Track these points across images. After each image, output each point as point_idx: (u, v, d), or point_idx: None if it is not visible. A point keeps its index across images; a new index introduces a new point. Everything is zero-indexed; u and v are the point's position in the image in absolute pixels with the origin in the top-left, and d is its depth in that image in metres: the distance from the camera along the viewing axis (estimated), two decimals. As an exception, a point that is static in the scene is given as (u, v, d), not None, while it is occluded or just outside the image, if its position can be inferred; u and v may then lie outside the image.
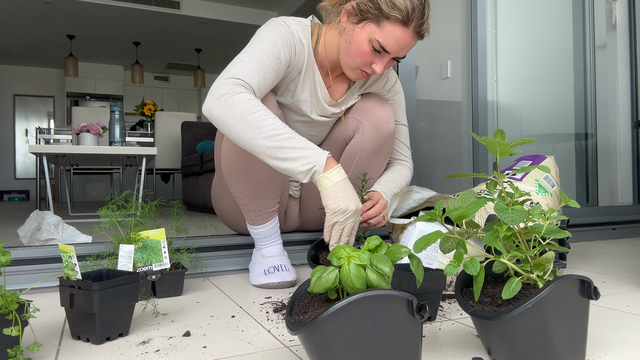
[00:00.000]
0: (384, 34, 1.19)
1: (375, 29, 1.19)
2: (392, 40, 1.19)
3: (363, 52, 1.22)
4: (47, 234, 1.50)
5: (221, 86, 1.12)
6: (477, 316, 0.73)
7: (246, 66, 1.16)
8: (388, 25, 1.18)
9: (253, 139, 1.07)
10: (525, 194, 0.76)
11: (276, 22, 1.28)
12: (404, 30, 1.19)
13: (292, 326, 0.66)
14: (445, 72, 2.78)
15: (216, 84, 1.13)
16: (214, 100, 1.11)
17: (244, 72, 1.15)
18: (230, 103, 1.09)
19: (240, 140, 1.09)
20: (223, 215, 1.58)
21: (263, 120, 1.07)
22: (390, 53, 1.22)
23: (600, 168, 2.88)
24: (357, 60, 1.25)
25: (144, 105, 5.44)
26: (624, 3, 2.86)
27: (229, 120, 1.09)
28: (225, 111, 1.09)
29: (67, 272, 0.90)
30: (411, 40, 1.22)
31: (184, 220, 3.04)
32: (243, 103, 1.09)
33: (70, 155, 2.90)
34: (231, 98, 1.09)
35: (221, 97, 1.10)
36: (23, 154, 8.65)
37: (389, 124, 1.40)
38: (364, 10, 1.19)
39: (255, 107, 1.09)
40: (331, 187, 1.07)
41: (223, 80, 1.13)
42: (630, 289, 1.27)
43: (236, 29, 6.80)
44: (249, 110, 1.08)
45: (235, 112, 1.08)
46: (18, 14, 6.22)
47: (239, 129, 1.08)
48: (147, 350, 0.83)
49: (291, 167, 1.07)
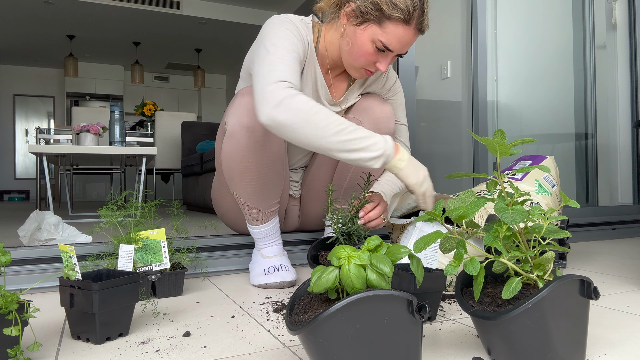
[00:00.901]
0: (387, 34, 1.20)
1: (378, 30, 1.20)
2: (395, 39, 1.21)
3: (367, 53, 1.24)
4: (47, 234, 1.50)
5: (275, 92, 1.10)
6: (477, 316, 0.73)
7: (283, 67, 1.16)
8: (390, 25, 1.19)
9: (323, 137, 1.09)
10: (525, 194, 0.76)
11: (281, 19, 1.28)
12: (406, 29, 1.20)
13: (292, 326, 0.66)
14: (445, 72, 2.78)
15: (266, 90, 1.11)
16: (274, 107, 1.09)
17: (285, 73, 1.15)
18: (292, 107, 1.09)
19: (309, 141, 1.10)
20: (223, 215, 1.58)
21: (327, 118, 1.09)
22: (394, 51, 1.24)
23: (600, 168, 2.88)
24: (361, 61, 1.26)
25: (144, 105, 5.44)
26: (624, 3, 2.86)
27: (294, 124, 1.08)
28: (290, 116, 1.08)
29: (67, 272, 0.90)
30: (413, 37, 1.23)
31: (184, 220, 3.04)
32: (304, 104, 1.09)
33: (70, 155, 2.90)
34: (291, 102, 1.09)
35: (280, 102, 1.09)
36: (23, 154, 8.65)
37: (389, 123, 1.41)
38: (365, 12, 1.20)
39: (315, 106, 1.10)
40: (406, 167, 1.15)
41: (273, 86, 1.11)
42: (630, 289, 1.27)
43: (236, 29, 6.80)
44: (312, 110, 1.09)
45: (300, 115, 1.08)
46: (18, 14, 6.22)
47: (307, 130, 1.08)
48: (147, 350, 0.83)
49: (363, 156, 1.10)
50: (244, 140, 1.25)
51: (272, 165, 1.31)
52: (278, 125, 1.09)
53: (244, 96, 1.25)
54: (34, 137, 7.42)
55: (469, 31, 2.52)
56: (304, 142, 1.10)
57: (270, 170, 1.30)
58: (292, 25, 1.27)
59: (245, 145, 1.25)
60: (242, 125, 1.23)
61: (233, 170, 1.29)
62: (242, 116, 1.23)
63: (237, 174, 1.29)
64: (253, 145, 1.25)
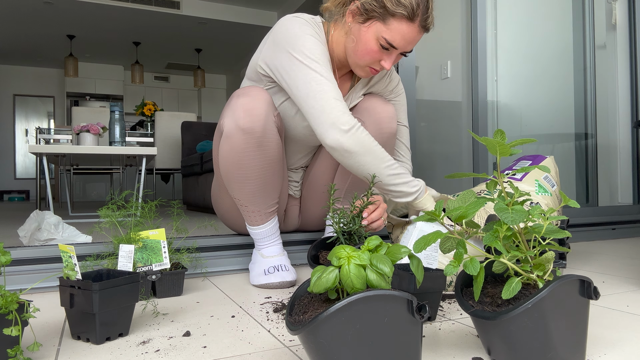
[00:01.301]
0: (391, 31, 1.20)
1: (382, 27, 1.21)
2: (399, 36, 1.21)
3: (371, 51, 1.24)
4: (47, 234, 1.50)
5: (342, 118, 1.19)
6: (477, 316, 0.73)
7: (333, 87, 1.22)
8: (394, 22, 1.20)
9: (378, 168, 1.23)
10: (525, 194, 0.76)
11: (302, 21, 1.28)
12: (410, 26, 1.21)
13: (292, 326, 0.66)
14: (445, 72, 2.78)
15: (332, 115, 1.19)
16: (343, 133, 1.19)
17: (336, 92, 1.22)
18: (358, 137, 1.21)
19: (366, 170, 1.23)
20: (223, 216, 1.58)
21: (382, 152, 1.24)
22: (398, 49, 1.24)
23: (600, 168, 2.88)
24: (366, 59, 1.26)
25: (144, 105, 5.44)
26: (624, 3, 2.86)
27: (359, 153, 1.21)
28: (356, 144, 1.20)
29: (67, 272, 0.90)
30: (417, 34, 1.24)
31: (184, 220, 3.04)
32: (365, 137, 1.22)
33: (70, 155, 2.90)
34: (356, 132, 1.21)
35: (349, 130, 1.20)
36: (23, 154, 8.65)
37: (392, 123, 1.41)
38: (369, 9, 1.20)
39: (372, 140, 1.23)
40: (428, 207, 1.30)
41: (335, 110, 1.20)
42: (630, 289, 1.27)
43: (236, 29, 6.80)
44: (372, 144, 1.22)
45: (364, 146, 1.21)
46: (18, 14, 6.22)
47: (368, 160, 1.22)
48: (147, 350, 0.83)
49: (404, 190, 1.26)
50: (240, 142, 1.24)
51: (270, 166, 1.31)
52: (344, 150, 1.21)
53: (240, 97, 1.25)
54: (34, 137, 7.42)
55: (469, 31, 2.52)
56: (361, 169, 1.23)
57: (268, 171, 1.30)
58: (312, 30, 1.29)
59: (242, 147, 1.25)
60: (238, 126, 1.23)
61: (230, 171, 1.29)
62: (239, 117, 1.23)
63: (234, 175, 1.29)
64: (250, 146, 1.25)
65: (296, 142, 1.48)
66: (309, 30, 1.27)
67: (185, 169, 4.30)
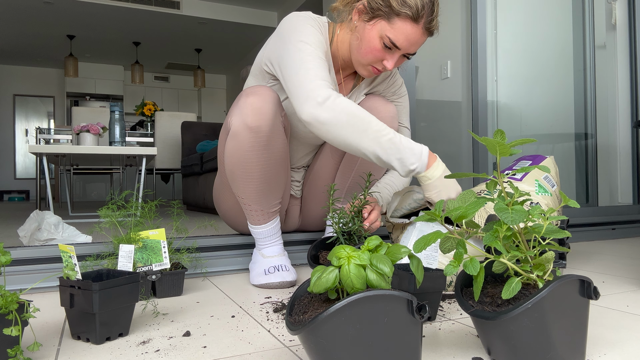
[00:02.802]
0: (395, 30, 1.21)
1: (386, 26, 1.21)
2: (402, 36, 1.22)
3: (374, 49, 1.25)
4: (47, 234, 1.50)
5: (316, 90, 1.14)
6: (477, 316, 0.73)
7: (318, 66, 1.18)
8: (399, 21, 1.20)
9: (361, 141, 1.13)
10: (525, 194, 0.76)
11: (305, 16, 1.29)
12: (414, 27, 1.21)
13: (292, 326, 0.66)
14: (445, 72, 2.78)
15: (308, 87, 1.14)
16: (317, 106, 1.13)
17: (321, 72, 1.18)
18: (334, 107, 1.12)
19: (347, 143, 1.14)
20: (224, 214, 1.58)
21: (368, 122, 1.13)
22: (401, 49, 1.24)
23: (600, 168, 2.88)
24: (369, 57, 1.27)
25: (144, 105, 5.44)
26: (624, 3, 2.86)
27: (336, 125, 1.12)
28: (332, 115, 1.12)
29: (67, 272, 0.90)
30: (421, 36, 1.24)
31: (184, 220, 3.04)
32: (346, 106, 1.13)
33: (70, 155, 2.90)
34: (334, 103, 1.13)
35: (324, 102, 1.13)
36: (23, 154, 8.65)
37: (393, 123, 1.41)
38: (375, 8, 1.21)
39: (357, 109, 1.14)
40: (432, 183, 1.17)
41: (314, 84, 1.15)
42: (630, 289, 1.27)
43: (236, 29, 6.80)
44: (354, 113, 1.13)
45: (341, 117, 1.12)
46: (18, 14, 6.22)
47: (347, 132, 1.12)
48: (147, 350, 0.83)
49: (396, 166, 1.15)
50: (247, 140, 1.25)
51: (275, 166, 1.31)
52: (319, 123, 1.13)
53: (249, 96, 1.25)
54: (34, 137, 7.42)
55: (469, 31, 2.52)
56: (343, 143, 1.14)
57: (272, 171, 1.30)
58: (315, 22, 1.29)
59: (249, 146, 1.25)
60: (246, 125, 1.23)
61: (236, 170, 1.30)
62: (247, 116, 1.23)
63: (239, 173, 1.30)
64: (257, 145, 1.25)
65: (298, 140, 1.48)
66: (310, 22, 1.28)
67: (185, 169, 4.30)
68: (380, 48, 1.24)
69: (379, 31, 1.23)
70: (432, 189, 1.18)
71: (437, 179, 1.17)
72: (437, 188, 1.18)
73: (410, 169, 1.14)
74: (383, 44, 1.24)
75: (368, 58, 1.27)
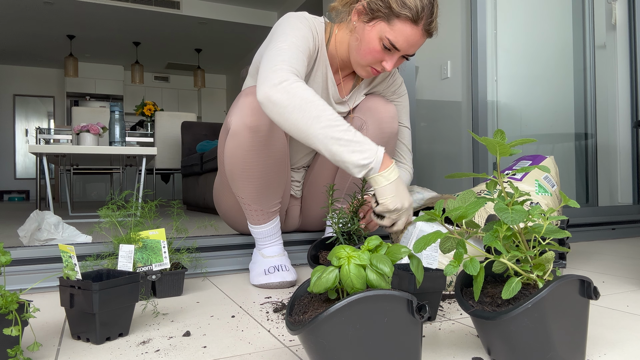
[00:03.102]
0: (395, 32, 1.21)
1: (386, 27, 1.21)
2: (402, 38, 1.21)
3: (374, 50, 1.24)
4: (47, 234, 1.50)
5: (278, 72, 1.11)
6: (477, 316, 0.73)
7: (291, 53, 1.17)
8: (398, 23, 1.20)
9: (311, 127, 1.07)
10: (525, 194, 0.76)
11: (296, 15, 1.30)
12: (414, 29, 1.21)
13: (292, 326, 0.66)
14: (445, 72, 2.78)
15: (269, 70, 1.12)
16: (272, 86, 1.09)
17: (291, 59, 1.15)
18: (289, 90, 1.08)
19: (297, 128, 1.08)
20: (224, 214, 1.59)
21: (322, 110, 1.07)
22: (400, 50, 1.24)
23: (600, 168, 2.88)
24: (368, 58, 1.27)
25: (144, 105, 5.44)
26: (624, 3, 2.86)
27: (287, 107, 1.07)
28: (285, 97, 1.08)
29: (67, 272, 0.90)
30: (420, 38, 1.24)
31: (184, 220, 3.04)
32: (302, 91, 1.08)
33: (70, 155, 2.90)
34: (290, 85, 1.09)
35: (280, 83, 1.09)
36: (23, 154, 8.65)
37: (393, 123, 1.41)
38: (375, 9, 1.21)
39: (314, 96, 1.09)
40: (388, 186, 1.10)
41: (276, 67, 1.12)
42: (630, 289, 1.27)
43: (236, 29, 6.80)
44: (308, 99, 1.08)
45: (294, 100, 1.07)
46: (18, 14, 6.22)
47: (298, 116, 1.07)
48: (147, 350, 0.83)
49: (347, 160, 1.07)
50: (247, 140, 1.25)
51: (275, 166, 1.31)
52: (271, 103, 1.09)
53: (248, 96, 1.26)
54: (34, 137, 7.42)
55: (469, 31, 2.52)
56: (293, 128, 1.08)
57: (272, 170, 1.30)
58: (306, 21, 1.29)
59: (249, 145, 1.25)
60: (245, 125, 1.23)
61: (235, 169, 1.30)
62: (246, 116, 1.23)
63: (239, 173, 1.30)
64: (256, 145, 1.25)
65: (297, 140, 1.48)
66: (299, 21, 1.27)
67: (185, 169, 4.30)
68: (379, 49, 1.24)
69: (378, 32, 1.23)
70: (387, 194, 1.11)
71: (392, 182, 1.10)
72: (392, 193, 1.11)
73: (363, 164, 1.06)
74: (382, 45, 1.23)
75: (367, 59, 1.27)
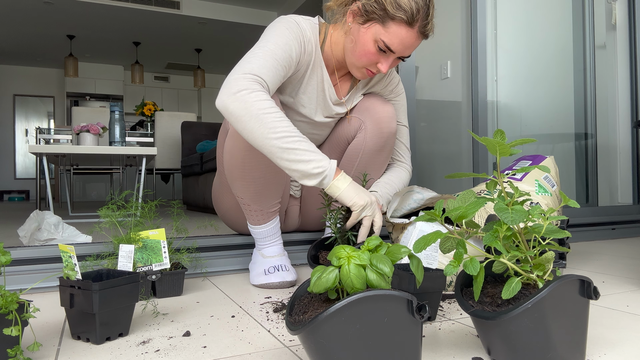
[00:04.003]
0: (389, 34, 1.20)
1: (381, 29, 1.21)
2: (397, 40, 1.21)
3: (369, 52, 1.24)
4: (47, 234, 1.50)
5: (238, 81, 1.12)
6: (477, 316, 0.73)
7: (261, 62, 1.17)
8: (393, 25, 1.19)
9: (266, 138, 1.09)
10: (525, 194, 0.76)
11: (286, 19, 1.29)
12: (409, 31, 1.20)
13: (292, 326, 0.66)
14: (445, 72, 2.78)
15: (232, 77, 1.13)
16: (230, 95, 1.11)
17: (260, 67, 1.16)
18: (246, 99, 1.10)
19: (253, 138, 1.11)
20: (224, 215, 1.58)
21: (278, 121, 1.10)
22: (396, 53, 1.24)
23: (600, 168, 2.88)
24: (363, 60, 1.26)
25: (144, 105, 5.44)
26: (624, 3, 2.86)
27: (244, 117, 1.10)
28: (241, 107, 1.10)
29: (67, 272, 0.90)
30: (416, 40, 1.23)
31: (184, 220, 3.04)
32: (259, 102, 1.10)
33: (70, 155, 2.90)
34: (248, 95, 1.10)
35: (238, 92, 1.10)
36: (23, 154, 8.65)
37: (391, 123, 1.41)
38: (370, 11, 1.20)
39: (270, 107, 1.11)
40: (346, 190, 1.15)
41: (240, 75, 1.13)
42: (630, 289, 1.27)
43: (236, 29, 6.80)
44: (265, 109, 1.10)
45: (251, 110, 1.09)
46: (18, 14, 6.22)
47: (253, 126, 1.10)
48: (147, 350, 0.83)
49: (301, 169, 1.11)
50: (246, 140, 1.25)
51: (274, 166, 1.31)
52: (227, 113, 1.11)
53: None
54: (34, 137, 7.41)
55: (469, 31, 2.52)
56: (249, 137, 1.12)
57: (271, 170, 1.30)
58: (295, 26, 1.28)
59: (248, 145, 1.25)
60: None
61: (235, 170, 1.30)
62: None
63: (238, 173, 1.30)
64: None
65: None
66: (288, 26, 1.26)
67: (185, 169, 4.30)
68: (374, 51, 1.23)
69: (373, 35, 1.22)
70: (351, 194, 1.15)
71: (350, 184, 1.16)
72: (354, 192, 1.16)
73: (317, 172, 1.11)
74: (377, 47, 1.22)
75: (362, 61, 1.27)
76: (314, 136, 1.48)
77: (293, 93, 1.36)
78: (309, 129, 1.45)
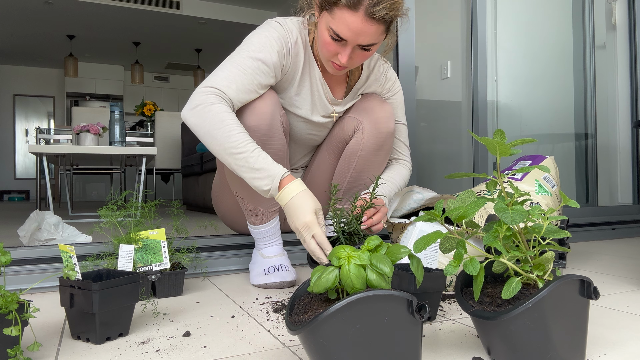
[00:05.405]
0: (336, 20, 1.15)
1: (329, 17, 1.16)
2: (343, 26, 1.15)
3: (326, 43, 1.20)
4: (47, 234, 1.50)
5: (196, 95, 1.16)
6: (477, 316, 0.73)
7: (226, 73, 1.19)
8: (337, 11, 1.14)
9: (219, 153, 1.14)
10: (525, 194, 0.76)
11: (269, 23, 1.28)
12: (353, 15, 1.13)
13: (292, 326, 0.66)
14: (445, 72, 2.78)
15: (195, 92, 1.17)
16: (189, 110, 1.16)
17: (222, 80, 1.18)
18: (201, 115, 1.14)
19: (212, 151, 1.16)
20: (223, 215, 1.58)
21: (227, 137, 1.12)
22: (348, 41, 1.17)
23: (600, 168, 2.88)
24: (324, 52, 1.23)
25: (144, 105, 5.44)
26: (624, 3, 2.86)
27: (199, 132, 1.15)
28: (197, 122, 1.14)
29: (67, 272, 0.90)
30: (365, 24, 1.14)
31: (184, 220, 3.04)
32: (213, 116, 1.13)
33: (70, 155, 2.90)
34: (203, 110, 1.14)
35: (195, 107, 1.15)
36: (23, 154, 8.65)
37: (389, 123, 1.40)
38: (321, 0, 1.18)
39: (222, 121, 1.12)
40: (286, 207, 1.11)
41: (200, 89, 1.17)
42: (630, 289, 1.27)
43: (236, 29, 6.79)
44: (216, 125, 1.12)
45: (204, 125, 1.13)
46: (18, 14, 6.22)
47: (207, 142, 1.14)
48: (147, 350, 0.83)
49: (256, 185, 1.13)
50: None
51: (274, 165, 1.31)
52: (189, 125, 1.17)
53: None
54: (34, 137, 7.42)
55: (469, 31, 2.52)
56: (209, 149, 1.16)
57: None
58: (279, 29, 1.27)
59: None
60: (245, 125, 1.23)
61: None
62: (245, 116, 1.23)
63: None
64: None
65: (296, 142, 1.48)
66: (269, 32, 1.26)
67: (185, 169, 4.30)
68: (330, 41, 1.19)
69: (325, 24, 1.18)
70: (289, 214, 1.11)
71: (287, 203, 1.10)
72: (288, 214, 1.11)
73: (264, 190, 1.12)
74: (330, 36, 1.18)
75: (324, 53, 1.23)
76: (313, 136, 1.48)
77: (288, 95, 1.36)
78: (308, 129, 1.45)
